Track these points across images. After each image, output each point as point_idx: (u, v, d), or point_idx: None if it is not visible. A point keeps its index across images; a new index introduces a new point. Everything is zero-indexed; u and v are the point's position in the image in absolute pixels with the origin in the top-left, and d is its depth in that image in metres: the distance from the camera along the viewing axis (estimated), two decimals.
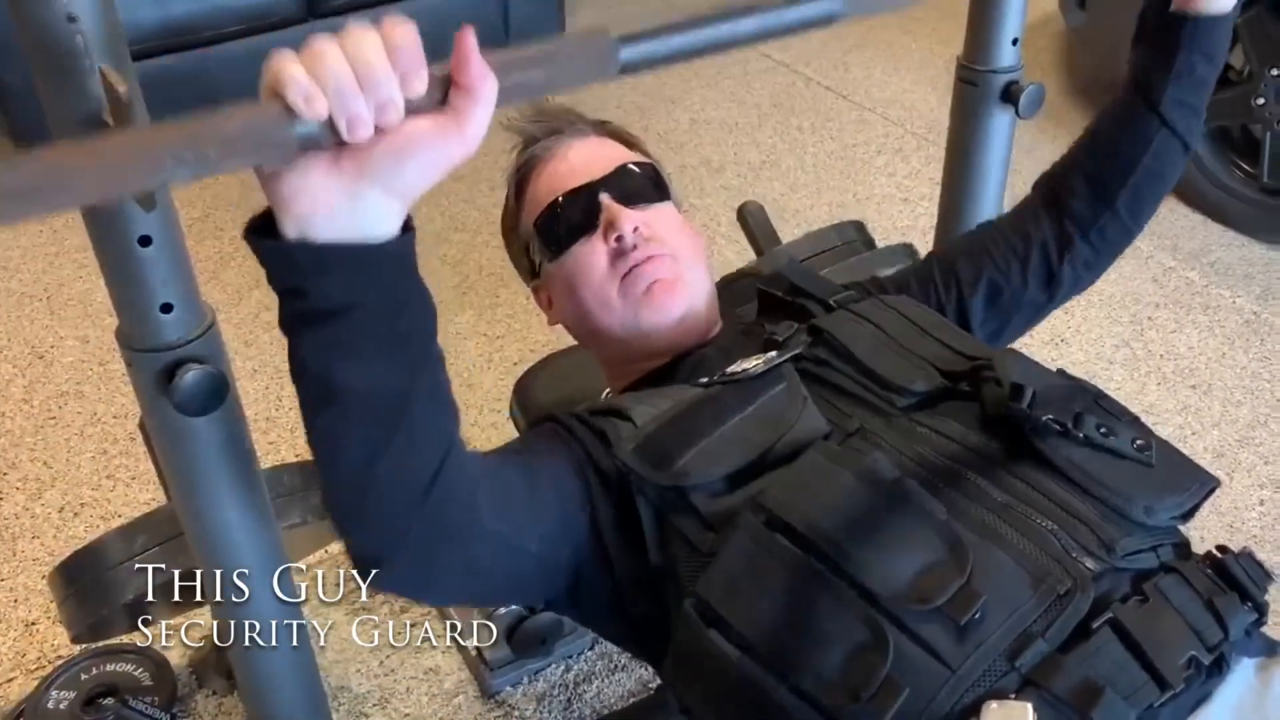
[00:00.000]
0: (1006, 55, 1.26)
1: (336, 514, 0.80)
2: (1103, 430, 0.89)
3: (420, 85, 0.62)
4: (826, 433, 0.90)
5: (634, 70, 0.68)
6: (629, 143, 1.18)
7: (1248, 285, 2.33)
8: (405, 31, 0.60)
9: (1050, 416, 0.88)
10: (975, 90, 1.29)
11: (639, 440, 0.90)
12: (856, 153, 2.88)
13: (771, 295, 1.15)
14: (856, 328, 1.02)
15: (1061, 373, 1.00)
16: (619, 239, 1.04)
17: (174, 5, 2.72)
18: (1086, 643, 0.77)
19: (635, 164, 1.11)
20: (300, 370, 0.72)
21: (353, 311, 0.67)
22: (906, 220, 2.59)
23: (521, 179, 1.14)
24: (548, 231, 1.09)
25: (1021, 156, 1.48)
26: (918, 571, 0.78)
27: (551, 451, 0.93)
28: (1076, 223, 1.14)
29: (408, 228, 0.70)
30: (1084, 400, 0.94)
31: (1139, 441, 0.90)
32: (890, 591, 0.77)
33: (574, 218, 1.07)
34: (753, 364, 0.98)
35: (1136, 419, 0.95)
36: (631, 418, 0.93)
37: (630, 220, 1.04)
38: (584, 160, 1.10)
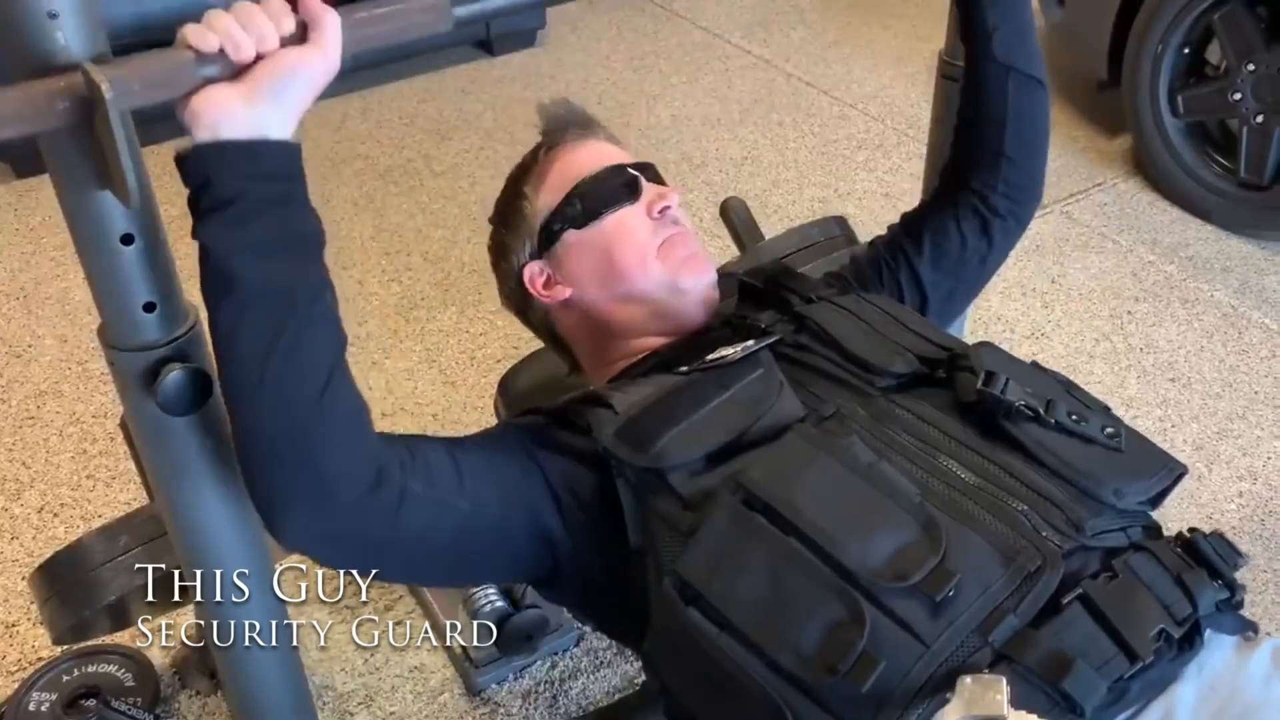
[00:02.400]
0: None
1: (243, 438, 0.83)
2: (1074, 417, 0.93)
3: (288, 24, 0.78)
4: (802, 415, 0.93)
5: (467, 22, 0.87)
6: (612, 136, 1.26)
7: (1225, 279, 2.35)
8: None
9: (1022, 402, 0.92)
10: (956, 86, 1.29)
11: (619, 425, 0.93)
12: (838, 148, 2.88)
13: (753, 286, 1.18)
14: (839, 315, 1.05)
15: (1035, 365, 1.04)
16: (664, 210, 1.12)
17: (150, 2, 2.69)
18: (1057, 617, 0.80)
19: (633, 162, 1.18)
20: (204, 263, 0.79)
21: (246, 197, 0.78)
22: (888, 215, 2.57)
23: (545, 162, 1.17)
24: (588, 197, 1.13)
25: None
26: (894, 551, 0.81)
27: (492, 438, 1.00)
28: (983, 179, 1.23)
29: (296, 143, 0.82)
30: (1056, 389, 0.98)
31: (1109, 429, 0.94)
32: (867, 570, 0.80)
33: (618, 187, 1.13)
34: (731, 351, 1.01)
35: (1107, 408, 0.98)
36: (612, 404, 0.96)
37: (672, 197, 1.13)
38: (609, 151, 1.18)
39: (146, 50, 0.72)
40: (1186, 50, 2.44)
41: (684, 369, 1.02)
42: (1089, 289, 2.34)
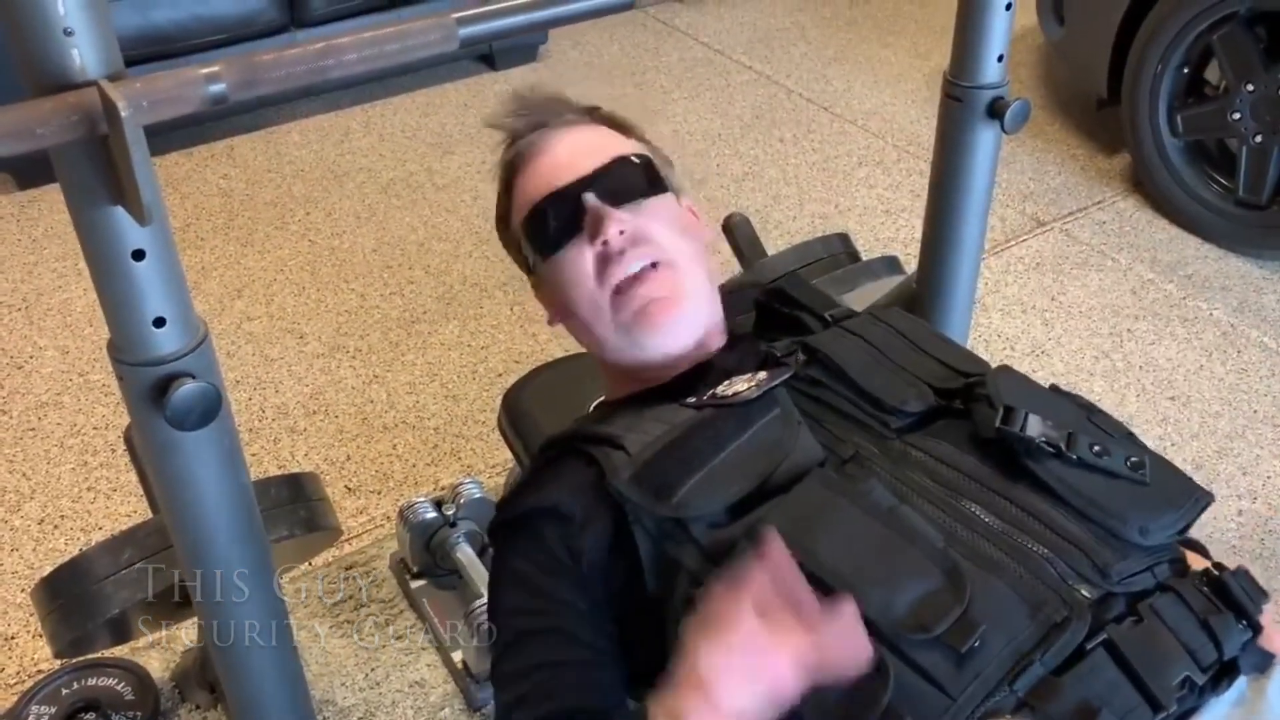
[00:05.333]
0: (992, 71, 1.27)
1: None
2: (1096, 450, 0.90)
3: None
4: (822, 459, 0.90)
5: (473, 42, 0.85)
6: (624, 128, 1.13)
7: (1225, 297, 2.36)
8: None
9: (1043, 439, 0.89)
10: (961, 106, 1.30)
11: (635, 468, 0.89)
12: (838, 164, 2.89)
13: (769, 307, 1.15)
14: (849, 345, 1.01)
15: (1054, 389, 1.00)
16: (604, 243, 1.00)
17: (156, 13, 2.71)
18: (1081, 664, 0.78)
19: (627, 156, 1.06)
20: None
21: None
22: (888, 232, 2.60)
23: (509, 176, 1.10)
24: (535, 233, 1.06)
25: (1000, 168, 1.49)
26: (917, 600, 0.78)
27: (561, 591, 0.94)
28: None
29: None
30: (1077, 418, 0.94)
31: (1133, 459, 0.90)
32: (890, 621, 0.77)
33: (559, 219, 1.02)
34: (745, 387, 0.96)
35: (1130, 434, 0.96)
36: (624, 446, 0.92)
37: (616, 222, 0.99)
38: (570, 154, 1.05)
39: (151, 61, 0.73)
40: (1186, 70, 2.45)
41: (692, 400, 0.98)
42: (1089, 307, 2.34)
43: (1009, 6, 1.24)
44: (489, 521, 1.05)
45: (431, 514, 1.64)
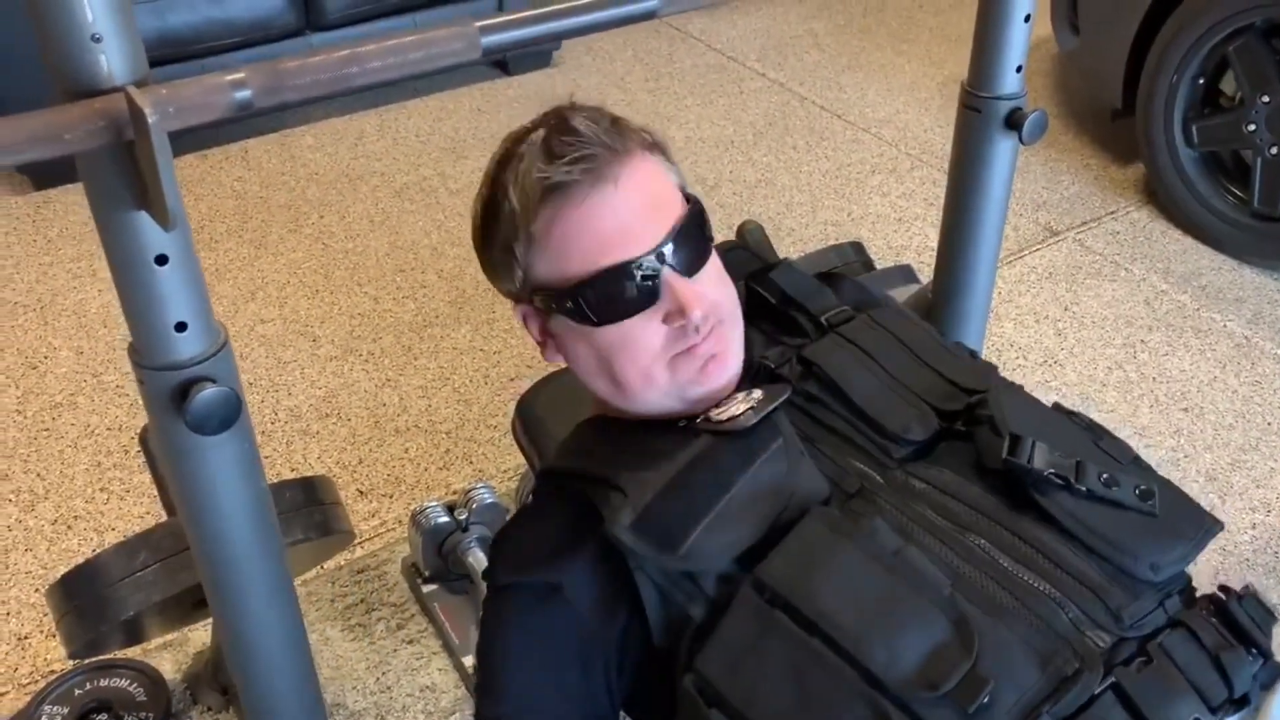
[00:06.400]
0: (1010, 82, 1.27)
1: None
2: (1105, 479, 0.88)
3: None
4: (827, 495, 0.88)
5: (495, 52, 0.85)
6: (666, 154, 1.00)
7: (1239, 309, 2.35)
8: None
9: (1052, 470, 0.86)
10: (979, 116, 1.30)
11: (636, 514, 0.85)
12: (851, 172, 2.89)
13: (762, 298, 1.08)
14: (849, 361, 0.98)
15: (1058, 407, 0.98)
16: (682, 326, 0.91)
17: (172, 16, 2.72)
18: (1088, 710, 0.76)
19: (688, 211, 0.94)
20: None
21: None
22: (901, 240, 2.60)
23: (542, 213, 0.90)
24: (591, 303, 0.91)
25: (1014, 176, 1.49)
26: (924, 654, 0.76)
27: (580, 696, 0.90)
28: None
29: None
30: (1084, 445, 0.92)
31: (1141, 488, 0.88)
32: (896, 678, 0.75)
33: (628, 294, 0.90)
34: (741, 409, 0.92)
35: (1137, 459, 0.94)
36: (621, 487, 0.88)
37: (700, 303, 0.90)
38: (638, 215, 0.90)
39: (167, 63, 0.72)
40: (1201, 81, 2.45)
41: (682, 422, 0.94)
42: (1102, 317, 2.34)
43: (1028, 18, 1.24)
44: (485, 564, 1.01)
45: (443, 518, 1.64)
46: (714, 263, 0.97)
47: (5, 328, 2.29)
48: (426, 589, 1.67)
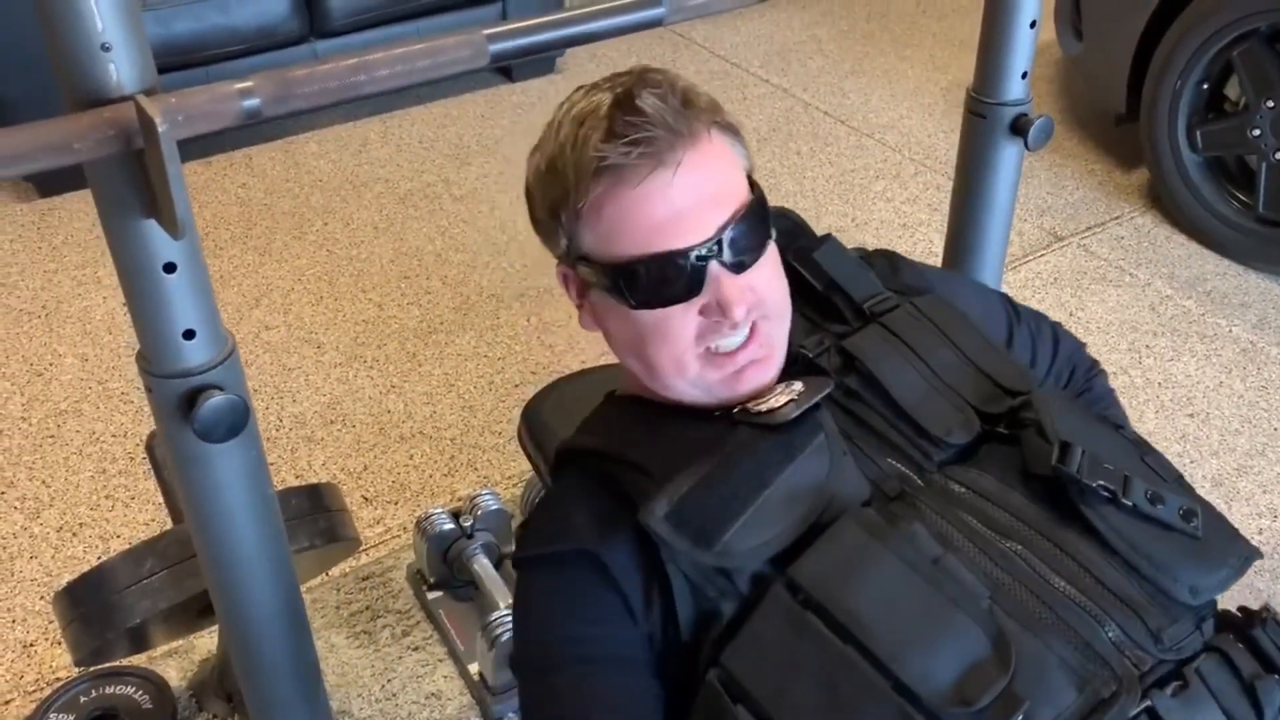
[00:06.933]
0: (1016, 88, 1.27)
1: None
2: (1150, 496, 0.85)
3: None
4: (868, 497, 0.85)
5: (502, 60, 0.86)
6: (736, 135, 0.95)
7: (1244, 314, 2.35)
8: None
9: (1101, 482, 0.84)
10: (984, 122, 1.30)
11: (671, 505, 0.83)
12: (855, 178, 2.89)
13: (804, 280, 1.02)
14: (892, 357, 0.94)
15: (1102, 418, 0.96)
16: (720, 321, 0.88)
17: (176, 24, 2.73)
18: None
19: (749, 202, 0.89)
20: None
21: None
22: (905, 246, 2.60)
23: (595, 188, 0.86)
24: (630, 285, 0.88)
25: (1019, 182, 1.49)
26: (960, 669, 0.75)
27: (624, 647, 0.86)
28: None
29: None
30: (1131, 459, 0.89)
31: (1184, 509, 0.86)
32: (931, 692, 0.74)
33: (671, 283, 0.87)
34: (783, 402, 0.88)
35: (1180, 478, 0.92)
36: (652, 473, 0.86)
37: (743, 302, 0.87)
38: (694, 203, 0.86)
39: (172, 70, 0.72)
40: (1205, 86, 2.45)
41: (717, 411, 0.91)
42: (1107, 322, 2.34)
43: (1033, 24, 1.24)
44: (513, 552, 0.98)
45: (449, 525, 1.64)
46: (770, 256, 0.92)
47: (10, 335, 2.29)
48: (432, 596, 1.67)
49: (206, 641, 1.60)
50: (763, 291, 0.89)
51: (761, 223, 0.91)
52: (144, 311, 0.81)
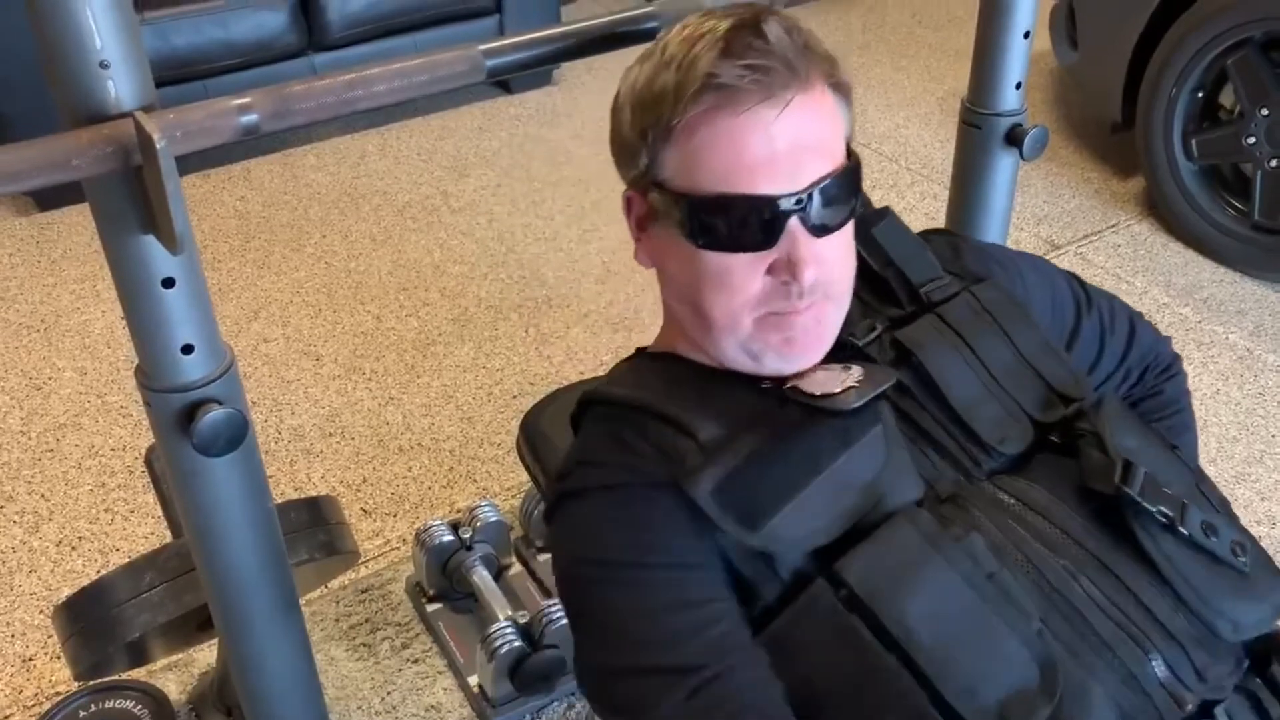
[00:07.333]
0: (1010, 99, 1.28)
1: None
2: (1205, 527, 0.82)
3: None
4: (920, 498, 0.82)
5: (498, 74, 0.88)
6: (845, 97, 0.88)
7: (1240, 321, 2.35)
8: None
9: (1161, 507, 0.81)
10: (979, 133, 1.30)
11: (718, 481, 0.78)
12: None
13: (860, 258, 0.93)
14: (949, 354, 0.89)
15: (1159, 436, 0.92)
16: (786, 282, 0.82)
17: (175, 38, 2.74)
18: None
19: (845, 166, 0.84)
20: None
21: None
22: None
23: (686, 111, 0.80)
24: (702, 224, 0.82)
25: (1015, 191, 1.49)
26: (1005, 693, 0.73)
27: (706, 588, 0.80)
28: None
29: None
30: (1188, 485, 0.86)
31: (1236, 541, 0.84)
32: (971, 711, 0.72)
33: (747, 229, 0.81)
34: (839, 388, 0.83)
35: (1228, 506, 0.90)
36: (694, 433, 0.82)
37: (813, 268, 0.81)
38: (793, 150, 0.79)
39: (170, 84, 0.73)
40: (1200, 94, 2.46)
41: (767, 384, 0.86)
42: None
43: (1027, 35, 1.25)
44: (548, 502, 0.91)
45: (448, 537, 1.64)
46: (848, 235, 0.86)
47: (9, 349, 2.29)
48: (431, 608, 1.67)
49: (206, 655, 1.60)
50: (832, 267, 0.84)
51: (851, 193, 0.84)
52: (142, 326, 0.81)
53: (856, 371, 0.85)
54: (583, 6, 3.94)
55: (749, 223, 0.80)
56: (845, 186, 0.83)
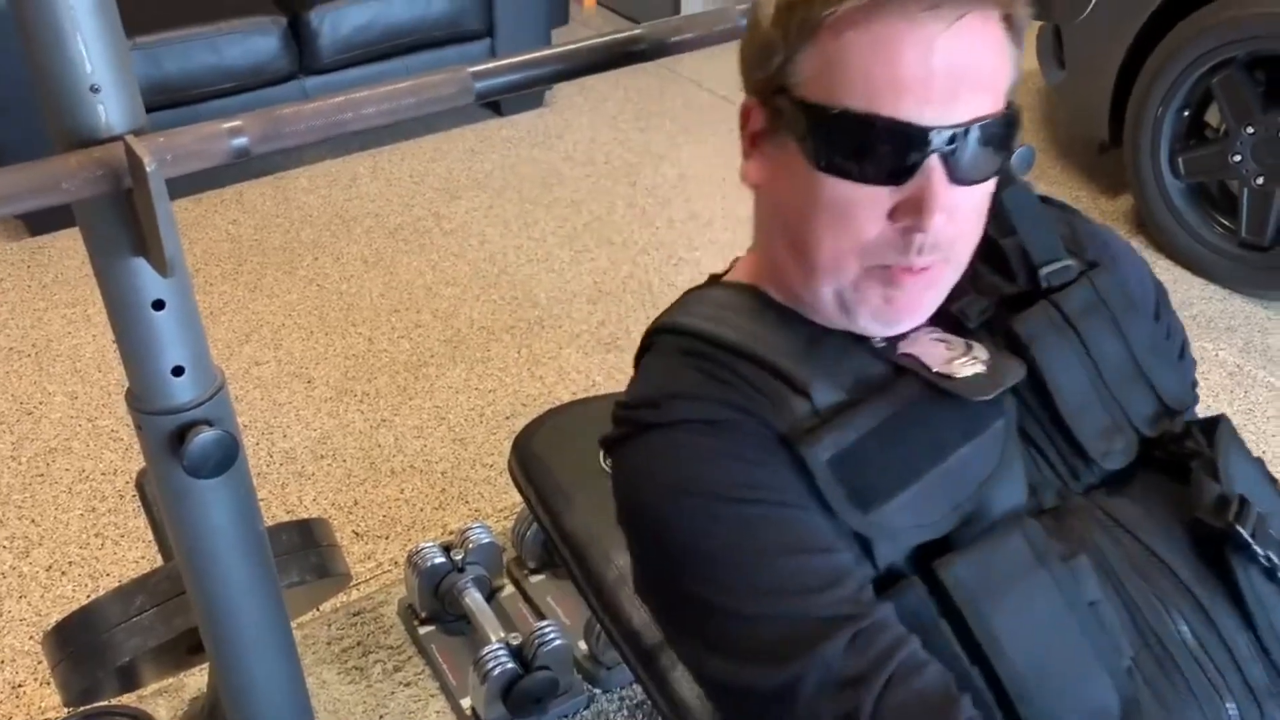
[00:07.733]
0: None
1: None
2: None
3: None
4: (1024, 506, 0.78)
5: (487, 96, 0.88)
6: (1018, 38, 0.75)
7: (1230, 338, 2.36)
8: None
9: (1269, 553, 0.77)
10: None
11: (841, 447, 0.73)
12: None
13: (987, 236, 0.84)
14: (1063, 353, 0.83)
15: (1262, 464, 0.88)
16: (909, 230, 0.72)
17: (167, 63, 2.75)
18: None
19: (1005, 111, 0.73)
20: None
21: None
22: None
23: (834, 15, 0.70)
24: (830, 139, 0.72)
25: None
26: None
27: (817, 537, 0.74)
28: None
29: None
30: None
31: None
32: None
33: (882, 157, 0.70)
34: (968, 370, 0.77)
35: None
36: (807, 391, 0.75)
37: (945, 218, 0.71)
38: (947, 71, 0.69)
39: (162, 109, 0.73)
40: (1186, 113, 2.48)
41: (885, 346, 0.79)
42: None
43: None
44: (609, 435, 0.83)
45: (440, 559, 1.63)
46: (986, 192, 0.76)
47: (0, 373, 2.29)
48: (423, 631, 1.66)
49: (197, 679, 1.59)
50: (963, 226, 0.75)
51: (1004, 145, 0.74)
52: (133, 349, 0.81)
53: (981, 353, 0.78)
54: (574, 29, 3.96)
55: (886, 151, 0.70)
56: (1002, 135, 0.73)
